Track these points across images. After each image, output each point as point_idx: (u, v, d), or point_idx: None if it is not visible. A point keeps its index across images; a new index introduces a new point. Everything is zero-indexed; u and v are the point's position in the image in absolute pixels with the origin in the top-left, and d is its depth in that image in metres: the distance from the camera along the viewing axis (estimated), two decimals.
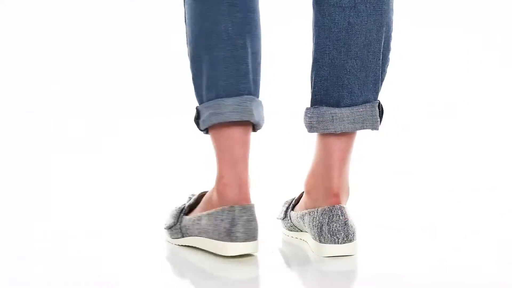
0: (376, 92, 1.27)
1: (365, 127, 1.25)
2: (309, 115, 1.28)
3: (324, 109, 1.26)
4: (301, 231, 1.35)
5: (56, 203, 1.87)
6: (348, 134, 1.26)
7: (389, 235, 1.43)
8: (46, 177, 2.18)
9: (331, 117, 1.25)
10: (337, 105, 1.26)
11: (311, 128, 1.28)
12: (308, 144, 1.34)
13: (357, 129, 1.25)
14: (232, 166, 1.26)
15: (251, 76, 1.26)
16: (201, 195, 1.36)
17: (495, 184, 1.99)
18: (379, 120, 1.26)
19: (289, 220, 1.38)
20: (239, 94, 1.26)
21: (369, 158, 2.25)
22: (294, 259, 1.25)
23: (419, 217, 1.61)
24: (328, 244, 1.21)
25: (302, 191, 1.36)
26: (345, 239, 1.21)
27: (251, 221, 1.23)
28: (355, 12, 1.24)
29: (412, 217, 1.61)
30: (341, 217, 1.22)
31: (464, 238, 1.39)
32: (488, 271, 1.14)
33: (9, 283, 1.13)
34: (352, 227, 1.22)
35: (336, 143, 1.26)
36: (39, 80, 2.41)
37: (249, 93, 1.26)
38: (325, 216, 1.22)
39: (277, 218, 1.44)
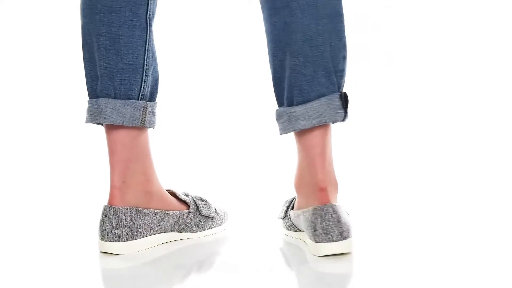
0: (333, 84, 1.26)
1: (323, 121, 1.24)
2: (275, 117, 1.31)
3: (281, 110, 1.28)
4: (300, 230, 1.35)
5: (53, 203, 1.88)
6: (319, 129, 1.26)
7: (388, 235, 1.43)
8: (39, 178, 2.19)
9: (288, 117, 1.26)
10: (291, 104, 1.27)
11: (279, 130, 1.30)
12: None
13: (314, 125, 1.24)
14: (111, 167, 1.30)
15: (110, 78, 1.28)
16: None
17: (495, 183, 1.99)
18: (341, 111, 1.25)
19: (289, 219, 1.38)
20: (96, 96, 1.29)
21: (368, 157, 2.25)
22: (293, 259, 1.25)
23: (417, 217, 1.60)
24: (323, 243, 1.21)
25: None
26: (339, 236, 1.20)
27: (104, 222, 1.27)
28: (289, 11, 1.25)
29: (410, 217, 1.61)
30: (333, 215, 1.21)
31: (462, 238, 1.39)
32: (488, 271, 1.14)
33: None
34: (346, 224, 1.21)
35: (311, 139, 1.26)
36: (35, 80, 2.42)
37: (107, 96, 1.28)
38: (317, 215, 1.22)
39: (278, 217, 1.44)
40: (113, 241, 1.26)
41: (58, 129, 2.37)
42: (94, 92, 1.30)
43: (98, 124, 1.31)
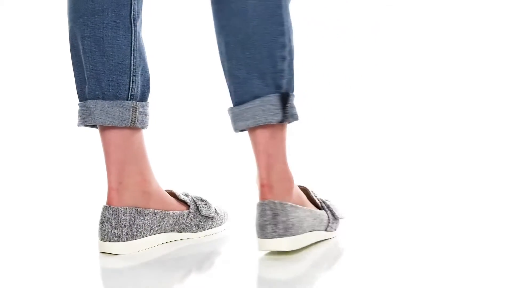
0: (268, 85, 1.25)
1: (257, 122, 1.24)
2: None
3: (228, 110, 1.30)
4: None
5: (52, 204, 1.88)
6: (261, 128, 1.25)
7: (383, 234, 1.43)
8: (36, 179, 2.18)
9: (231, 117, 1.29)
10: (233, 104, 1.29)
11: None
12: (307, 143, 1.34)
13: (249, 126, 1.25)
14: (107, 169, 1.30)
15: (97, 80, 1.28)
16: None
17: (493, 182, 1.99)
18: (277, 113, 1.24)
19: None
20: (85, 99, 1.30)
21: (364, 156, 2.25)
22: (293, 259, 1.25)
23: (409, 218, 1.60)
24: (259, 239, 1.22)
25: None
26: (273, 233, 1.21)
27: (103, 222, 1.27)
28: (222, 14, 1.26)
29: (405, 217, 1.61)
30: (268, 212, 1.21)
31: (457, 239, 1.39)
32: (484, 272, 1.14)
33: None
34: (283, 222, 1.21)
35: (255, 138, 1.27)
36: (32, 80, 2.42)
37: (95, 97, 1.28)
38: (257, 211, 1.24)
39: None
40: (112, 241, 1.27)
41: (57, 130, 2.37)
42: (83, 95, 1.30)
43: (90, 126, 1.31)
